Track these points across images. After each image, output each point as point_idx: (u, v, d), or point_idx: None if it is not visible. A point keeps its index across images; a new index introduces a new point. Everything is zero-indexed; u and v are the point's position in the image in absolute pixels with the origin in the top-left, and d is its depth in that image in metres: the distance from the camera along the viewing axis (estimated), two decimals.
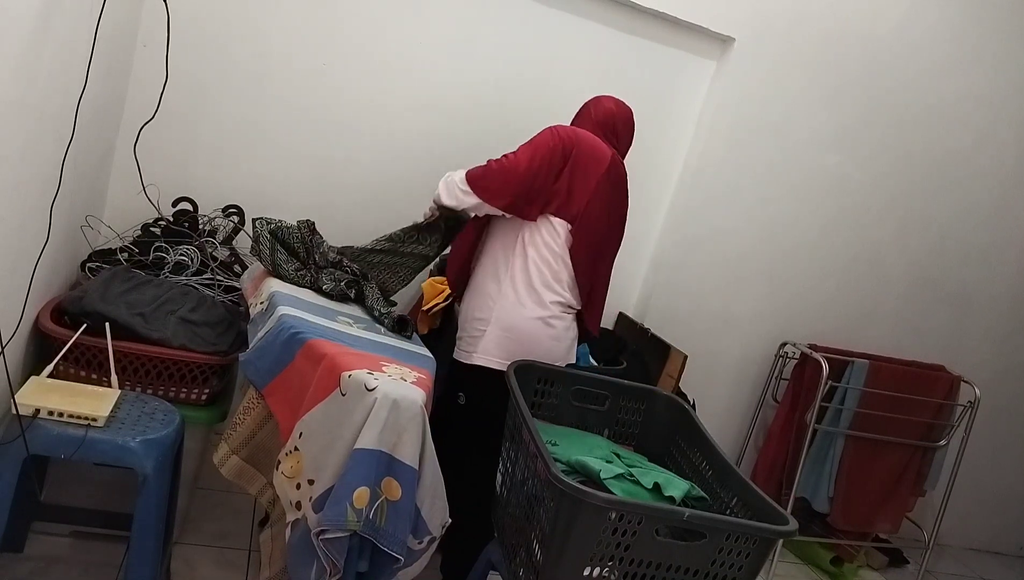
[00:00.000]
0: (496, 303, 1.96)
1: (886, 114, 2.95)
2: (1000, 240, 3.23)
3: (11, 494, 1.51)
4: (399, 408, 1.46)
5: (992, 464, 3.46)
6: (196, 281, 2.09)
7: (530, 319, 1.94)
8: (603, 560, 1.28)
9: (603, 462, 1.50)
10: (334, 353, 1.57)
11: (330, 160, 2.54)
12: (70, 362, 1.74)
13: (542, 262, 1.94)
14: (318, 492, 1.47)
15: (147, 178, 2.25)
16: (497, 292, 1.97)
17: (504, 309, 1.95)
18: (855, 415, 2.87)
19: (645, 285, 2.95)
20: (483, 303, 1.99)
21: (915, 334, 3.23)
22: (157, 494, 1.56)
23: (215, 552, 2.11)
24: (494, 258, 2.01)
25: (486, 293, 1.99)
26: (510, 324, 1.94)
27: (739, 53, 2.74)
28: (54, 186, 1.64)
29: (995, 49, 2.98)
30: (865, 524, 2.98)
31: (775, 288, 3.05)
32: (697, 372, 2.64)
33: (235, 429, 1.74)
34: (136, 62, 2.29)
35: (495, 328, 1.95)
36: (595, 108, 2.07)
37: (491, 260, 2.02)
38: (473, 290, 2.05)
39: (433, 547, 1.57)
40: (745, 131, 2.83)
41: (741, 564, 1.32)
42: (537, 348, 1.94)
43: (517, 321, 1.94)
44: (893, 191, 3.05)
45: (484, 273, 2.03)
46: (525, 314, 1.94)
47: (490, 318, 1.96)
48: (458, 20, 2.55)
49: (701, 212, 2.87)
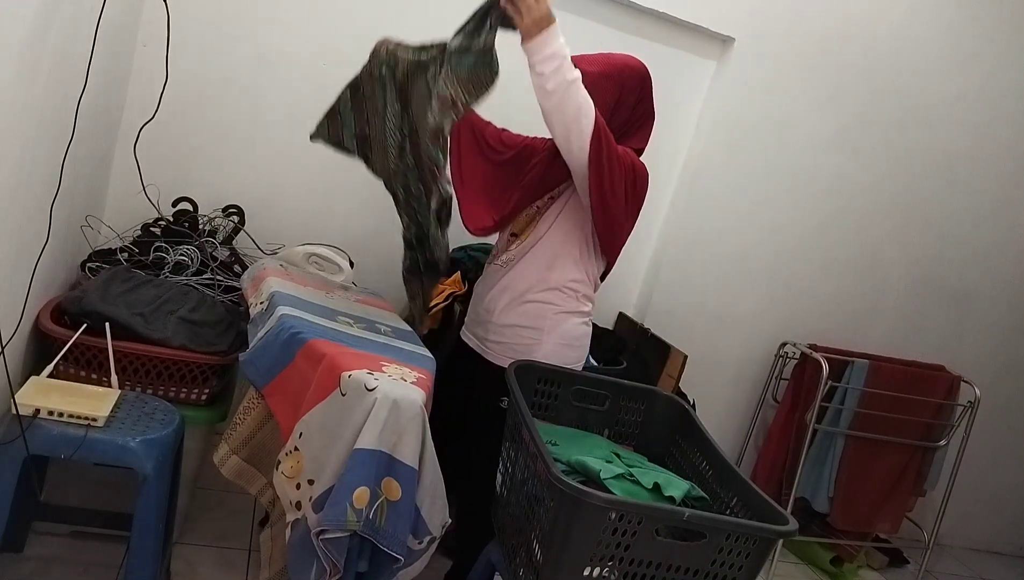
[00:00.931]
0: (555, 313, 1.88)
1: (886, 114, 2.95)
2: (1000, 240, 3.23)
3: (11, 494, 1.51)
4: (399, 408, 1.46)
5: (992, 464, 3.46)
6: (196, 281, 2.09)
7: (581, 325, 1.94)
8: (603, 560, 1.28)
9: (603, 462, 1.50)
10: (334, 353, 1.57)
11: (330, 160, 2.52)
12: (70, 362, 1.74)
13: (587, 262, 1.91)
14: (318, 492, 1.47)
15: (147, 178, 2.25)
16: (553, 300, 1.88)
17: (563, 318, 1.89)
18: (855, 415, 2.87)
19: (645, 285, 2.95)
20: (537, 311, 1.88)
21: (915, 334, 3.23)
22: (157, 494, 1.56)
23: (215, 552, 2.11)
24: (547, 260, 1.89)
25: (536, 300, 1.88)
26: (565, 330, 1.90)
27: (739, 53, 2.74)
28: (54, 186, 1.64)
29: (995, 49, 2.98)
30: (865, 524, 2.98)
31: (775, 288, 3.05)
32: (697, 372, 2.64)
33: (235, 429, 1.74)
34: (136, 62, 2.29)
35: (552, 338, 1.89)
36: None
37: (542, 261, 1.89)
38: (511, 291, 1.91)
39: (433, 547, 1.57)
40: (745, 131, 2.83)
41: (741, 564, 1.32)
42: (584, 351, 1.96)
43: (572, 329, 1.91)
44: (893, 191, 3.05)
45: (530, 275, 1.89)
46: (579, 321, 1.93)
47: (544, 327, 1.88)
48: (458, 20, 2.54)
49: (701, 212, 2.87)
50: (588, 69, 1.77)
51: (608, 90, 1.80)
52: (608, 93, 1.80)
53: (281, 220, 2.52)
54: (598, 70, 1.80)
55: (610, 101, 1.80)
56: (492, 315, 1.93)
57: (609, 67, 1.83)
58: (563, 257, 1.88)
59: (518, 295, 1.90)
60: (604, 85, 1.80)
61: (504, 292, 1.91)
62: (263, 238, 2.36)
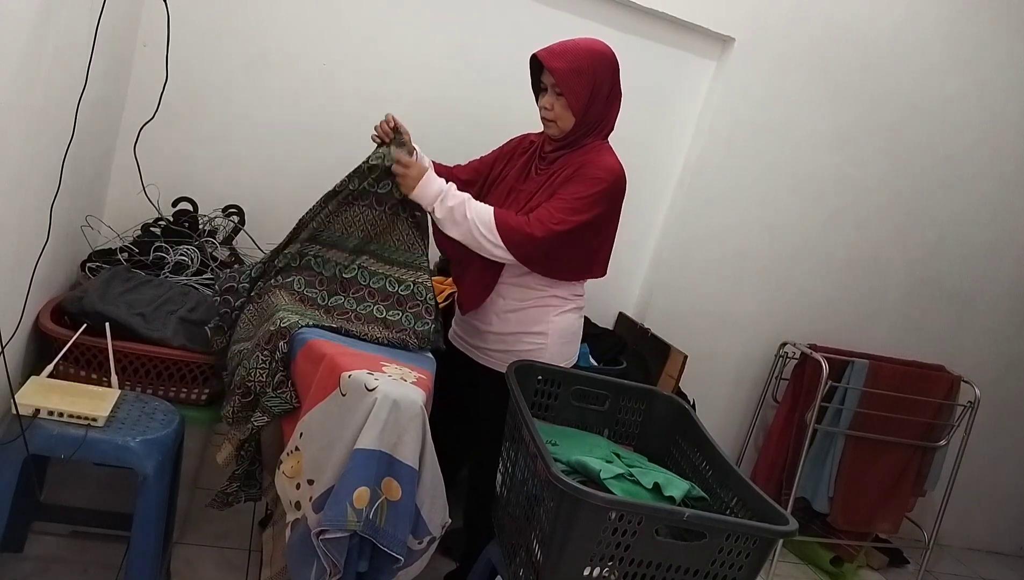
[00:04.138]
0: (556, 315, 1.89)
1: (886, 114, 2.95)
2: (1000, 240, 3.23)
3: (11, 494, 1.51)
4: (399, 408, 1.46)
5: (992, 464, 3.46)
6: (196, 281, 2.09)
7: (577, 318, 1.96)
8: (603, 560, 1.28)
9: (603, 462, 1.50)
10: (334, 353, 1.57)
11: (330, 160, 2.52)
12: (70, 362, 1.74)
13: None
14: (318, 492, 1.47)
15: (147, 178, 2.25)
16: (551, 302, 1.89)
17: (563, 317, 1.91)
18: (855, 415, 2.87)
19: (645, 285, 2.95)
20: (537, 317, 1.88)
21: (915, 334, 3.23)
22: (157, 494, 1.56)
23: (215, 552, 2.11)
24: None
25: (535, 305, 1.88)
26: (566, 328, 1.92)
27: (739, 53, 2.74)
28: (54, 186, 1.64)
29: (994, 49, 2.98)
30: (865, 524, 2.98)
31: (775, 288, 3.05)
32: (697, 372, 2.64)
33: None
34: (136, 62, 2.29)
35: (554, 339, 1.89)
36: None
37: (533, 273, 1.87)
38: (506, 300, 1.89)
39: (433, 547, 1.57)
40: (745, 131, 2.83)
41: (741, 564, 1.32)
42: (579, 341, 1.98)
43: (571, 324, 1.93)
44: (893, 191, 3.05)
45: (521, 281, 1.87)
46: (576, 315, 1.95)
47: (547, 331, 1.88)
48: (458, 20, 2.55)
49: (701, 212, 2.87)
50: (556, 66, 1.75)
51: (581, 88, 1.76)
52: (581, 91, 1.76)
53: (281, 220, 2.51)
54: (568, 66, 1.75)
55: (583, 98, 1.77)
56: (491, 326, 1.91)
57: (578, 60, 1.76)
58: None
59: (515, 304, 1.89)
60: (576, 83, 1.76)
61: (499, 303, 1.90)
62: (263, 238, 2.36)
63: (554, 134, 1.85)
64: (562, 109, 1.79)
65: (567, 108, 1.78)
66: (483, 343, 1.94)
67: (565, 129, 1.81)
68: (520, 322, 1.88)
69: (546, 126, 1.86)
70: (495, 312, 1.90)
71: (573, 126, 1.81)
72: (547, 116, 1.83)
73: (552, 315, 1.88)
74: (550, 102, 1.80)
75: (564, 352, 1.92)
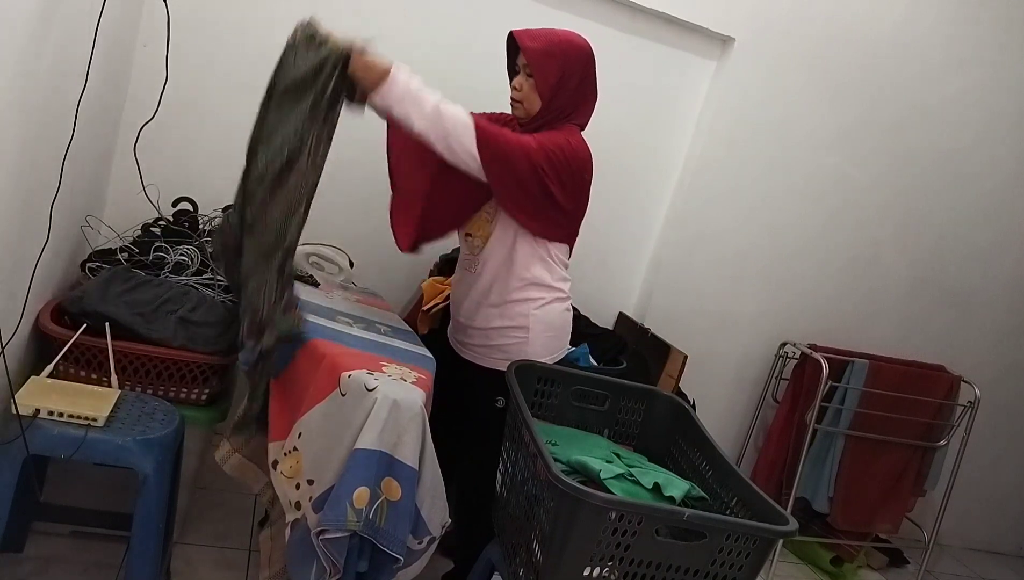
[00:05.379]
0: (537, 308, 1.88)
1: (886, 114, 2.95)
2: (1000, 240, 3.23)
3: (11, 494, 1.51)
4: (399, 408, 1.46)
5: (992, 464, 3.46)
6: (196, 281, 2.08)
7: (564, 312, 1.94)
8: (603, 560, 1.28)
9: (603, 462, 1.50)
10: (334, 353, 1.57)
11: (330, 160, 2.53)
12: (70, 362, 1.74)
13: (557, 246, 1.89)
14: (318, 492, 1.47)
15: (147, 178, 2.25)
16: (531, 295, 1.88)
17: (545, 311, 1.90)
18: (855, 415, 2.87)
19: (645, 285, 2.95)
20: (518, 311, 1.88)
21: (915, 334, 3.23)
22: (157, 494, 1.56)
23: (215, 552, 2.11)
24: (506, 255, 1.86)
25: (515, 299, 1.87)
26: (550, 322, 1.91)
27: (739, 53, 2.74)
28: (54, 186, 1.64)
29: (995, 49, 2.98)
30: (865, 524, 2.98)
31: (775, 288, 3.05)
32: (697, 372, 2.64)
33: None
34: (136, 62, 2.29)
35: (538, 333, 1.89)
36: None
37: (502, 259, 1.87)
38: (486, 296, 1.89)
39: (433, 547, 1.57)
40: (745, 131, 2.83)
41: (741, 564, 1.32)
42: (568, 334, 1.97)
43: (555, 318, 1.92)
44: (893, 191, 3.05)
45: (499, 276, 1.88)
46: (561, 308, 1.93)
47: (529, 325, 1.88)
48: (458, 20, 2.55)
49: (701, 212, 2.87)
50: (530, 45, 1.78)
51: (550, 71, 1.77)
52: (550, 74, 1.77)
53: None
54: (541, 47, 1.78)
55: (552, 81, 1.78)
56: (473, 322, 1.92)
57: (552, 45, 1.79)
58: (521, 249, 1.84)
59: (495, 298, 1.89)
60: (546, 64, 1.78)
61: (479, 298, 1.90)
62: None
63: (520, 116, 1.85)
64: (530, 90, 1.80)
65: (535, 89, 1.79)
66: (469, 339, 1.95)
67: (531, 112, 1.82)
68: (502, 317, 1.89)
69: (513, 108, 1.86)
70: (479, 309, 1.91)
71: (539, 111, 1.80)
72: (515, 96, 1.84)
73: (532, 309, 1.88)
74: (519, 83, 1.82)
75: (549, 346, 1.92)
